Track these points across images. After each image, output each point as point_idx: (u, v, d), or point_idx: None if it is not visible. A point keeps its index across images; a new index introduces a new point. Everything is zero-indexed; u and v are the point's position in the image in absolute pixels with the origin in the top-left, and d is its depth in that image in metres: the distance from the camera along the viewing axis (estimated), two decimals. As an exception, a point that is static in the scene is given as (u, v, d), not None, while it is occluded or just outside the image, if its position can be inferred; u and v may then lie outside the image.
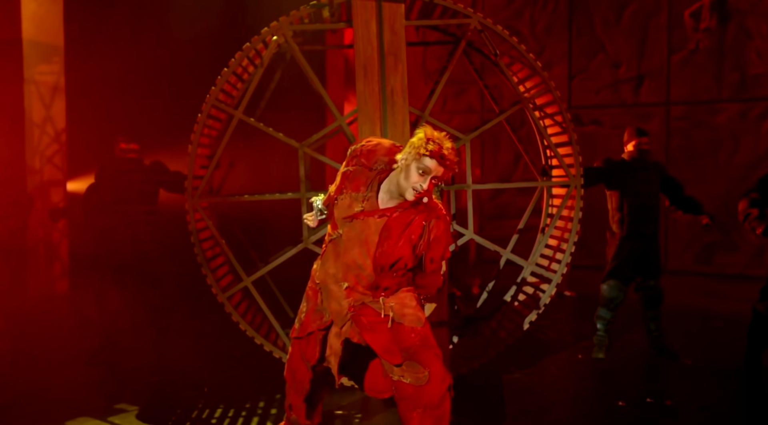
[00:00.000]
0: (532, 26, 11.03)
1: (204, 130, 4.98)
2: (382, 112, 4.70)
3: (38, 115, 8.12)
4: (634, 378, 5.20)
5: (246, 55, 4.76)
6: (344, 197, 3.21)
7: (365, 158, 3.22)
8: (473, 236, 4.93)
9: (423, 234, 3.16)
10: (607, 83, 10.59)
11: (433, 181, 3.05)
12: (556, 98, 5.01)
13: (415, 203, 3.14)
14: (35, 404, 4.45)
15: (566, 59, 10.85)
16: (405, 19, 4.70)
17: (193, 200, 4.72)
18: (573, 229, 4.98)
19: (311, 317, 3.39)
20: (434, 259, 3.25)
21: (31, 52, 8.04)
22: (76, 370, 5.15)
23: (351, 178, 3.22)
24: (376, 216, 3.14)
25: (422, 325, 3.31)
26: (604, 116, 10.54)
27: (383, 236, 3.13)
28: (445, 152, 3.00)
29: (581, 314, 7.23)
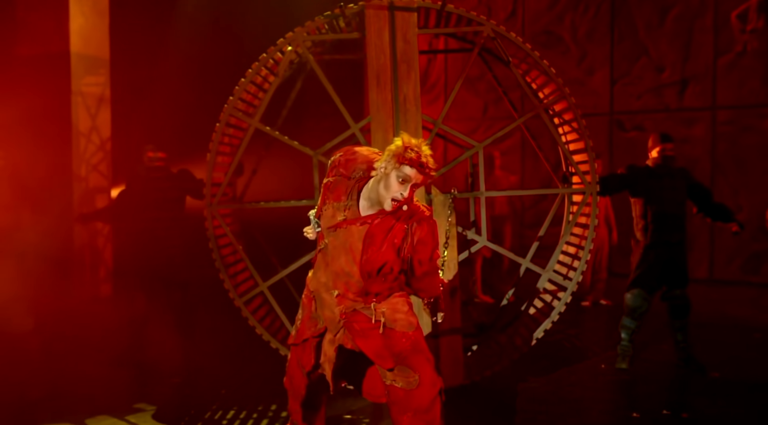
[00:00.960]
0: (574, 31, 10.90)
1: (224, 138, 5.13)
2: (395, 119, 4.74)
3: (84, 124, 8.47)
4: (654, 390, 5.08)
5: (263, 65, 4.89)
6: (327, 207, 3.27)
7: (344, 168, 3.28)
8: (486, 243, 4.92)
9: (406, 238, 3.18)
10: (650, 88, 10.37)
11: (413, 188, 3.08)
12: (571, 104, 4.96)
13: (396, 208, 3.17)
14: (60, 400, 4.65)
15: (608, 64, 10.68)
16: (417, 28, 4.74)
17: (212, 207, 4.87)
18: (589, 237, 4.91)
19: (306, 324, 3.46)
20: (422, 262, 3.26)
21: (79, 65, 8.40)
22: (104, 369, 5.34)
23: (332, 188, 3.27)
24: (358, 224, 3.18)
25: (414, 330, 3.33)
26: (647, 121, 10.32)
27: (366, 243, 3.17)
28: (423, 159, 3.02)
29: (615, 323, 7.07)
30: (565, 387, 5.04)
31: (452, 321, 4.81)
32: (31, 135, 8.08)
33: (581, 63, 10.86)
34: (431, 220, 3.25)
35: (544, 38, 11.15)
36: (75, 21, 8.37)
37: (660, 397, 4.89)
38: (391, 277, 3.28)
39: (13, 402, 4.57)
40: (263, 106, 4.93)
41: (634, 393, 4.98)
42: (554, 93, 5.07)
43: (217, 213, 4.87)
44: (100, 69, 8.62)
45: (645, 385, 5.17)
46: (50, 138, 8.25)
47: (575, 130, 5.12)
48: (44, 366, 5.26)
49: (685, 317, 5.51)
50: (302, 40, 4.84)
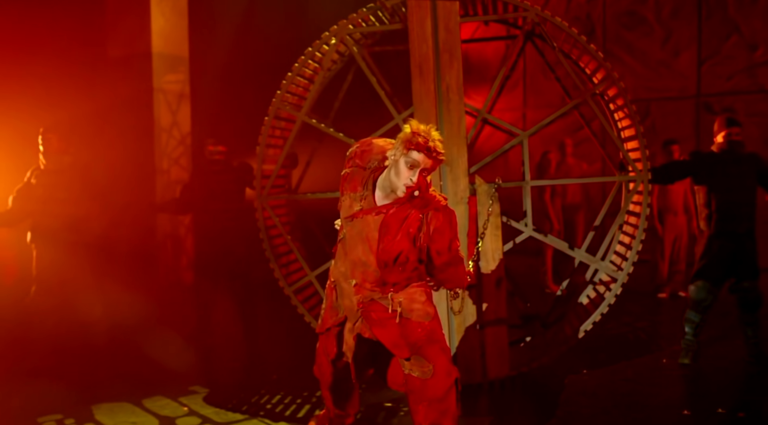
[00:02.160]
0: (658, 11, 10.43)
1: (276, 131, 5.28)
2: (438, 109, 4.73)
3: (166, 120, 8.90)
4: (715, 388, 4.84)
5: (309, 58, 4.99)
6: (345, 198, 3.33)
7: (359, 158, 3.32)
8: (532, 233, 4.83)
9: (421, 227, 3.19)
10: (741, 68, 9.81)
11: (423, 173, 3.08)
12: (621, 90, 4.76)
13: (411, 197, 3.17)
14: (122, 381, 4.96)
15: (695, 44, 10.17)
16: (460, 17, 4.70)
17: (261, 198, 5.03)
18: (640, 227, 4.73)
19: (329, 313, 3.53)
20: (440, 252, 3.25)
21: (160, 64, 8.82)
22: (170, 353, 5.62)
23: (349, 179, 3.33)
24: (374, 214, 3.22)
25: (430, 320, 3.34)
26: (737, 103, 9.76)
27: (382, 232, 3.20)
28: (431, 144, 3.02)
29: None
30: (618, 381, 4.88)
31: (497, 312, 4.76)
32: (117, 131, 8.59)
33: (666, 44, 10.39)
34: (448, 210, 3.24)
35: (626, 19, 10.74)
36: (156, 22, 8.78)
37: (719, 395, 4.64)
38: (410, 267, 3.30)
39: (78, 382, 4.91)
40: (311, 98, 5.03)
41: (691, 390, 4.77)
42: (606, 79, 4.87)
43: (267, 204, 5.03)
44: (180, 67, 9.02)
45: (706, 382, 4.94)
46: (135, 133, 8.71)
47: (627, 115, 4.91)
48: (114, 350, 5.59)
49: (756, 311, 5.21)
50: (346, 33, 4.90)
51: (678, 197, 7.75)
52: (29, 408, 4.43)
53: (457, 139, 4.73)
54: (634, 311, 7.20)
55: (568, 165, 8.25)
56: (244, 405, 4.51)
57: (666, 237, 7.87)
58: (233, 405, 4.50)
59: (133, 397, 4.63)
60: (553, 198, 8.22)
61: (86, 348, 5.27)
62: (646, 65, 10.59)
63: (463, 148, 4.72)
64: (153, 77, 8.78)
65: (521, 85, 11.85)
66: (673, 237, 7.86)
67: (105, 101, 8.60)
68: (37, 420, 4.25)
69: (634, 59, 10.71)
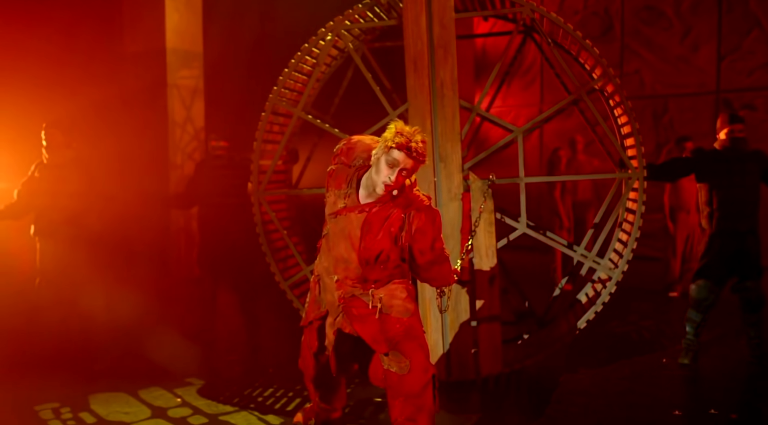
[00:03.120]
0: (677, 5, 10.25)
1: (275, 127, 5.32)
2: (432, 105, 4.72)
3: (179, 115, 9.00)
4: (711, 387, 4.77)
5: (306, 54, 5.01)
6: (330, 194, 3.35)
7: (344, 156, 3.34)
8: (525, 230, 4.79)
9: (403, 227, 3.20)
10: (762, 63, 9.59)
11: (403, 173, 3.08)
12: (617, 86, 4.70)
13: (394, 197, 3.19)
14: (121, 373, 5.04)
15: (715, 38, 9.97)
16: (455, 12, 4.68)
17: (258, 194, 5.07)
18: (635, 225, 4.67)
19: (311, 307, 3.57)
20: (423, 251, 3.27)
21: (174, 59, 8.92)
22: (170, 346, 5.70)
23: (334, 176, 3.35)
24: (357, 212, 3.24)
25: (409, 316, 3.35)
26: (758, 99, 9.56)
27: (364, 230, 3.22)
28: (412, 144, 3.03)
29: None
30: (614, 380, 4.83)
31: (491, 309, 4.75)
32: (132, 126, 8.71)
33: (685, 38, 10.20)
34: (431, 210, 3.25)
35: (645, 14, 10.57)
36: (171, 18, 8.88)
37: (716, 396, 4.58)
38: (391, 265, 3.31)
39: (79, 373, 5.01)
40: (307, 94, 5.06)
41: (687, 391, 4.71)
42: (605, 75, 4.81)
43: (264, 199, 5.07)
44: (194, 62, 9.11)
45: (703, 382, 4.88)
46: (148, 129, 8.83)
47: (624, 112, 4.85)
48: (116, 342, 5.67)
49: (758, 311, 5.12)
50: (342, 29, 4.91)
51: (690, 195, 7.63)
52: (28, 397, 4.53)
53: (451, 134, 4.71)
54: (641, 309, 7.12)
55: (578, 162, 8.18)
56: (236, 397, 4.56)
57: (678, 235, 7.77)
58: (225, 397, 4.56)
59: (130, 388, 4.72)
60: (563, 195, 8.15)
61: (89, 341, 5.36)
62: (665, 60, 10.41)
63: (457, 144, 4.70)
64: (167, 73, 8.89)
65: (538, 81, 11.74)
66: (685, 235, 7.75)
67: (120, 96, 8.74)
68: (34, 409, 4.36)
69: (652, 54, 10.54)
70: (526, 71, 11.86)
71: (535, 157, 11.64)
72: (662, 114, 10.48)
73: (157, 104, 8.90)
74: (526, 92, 11.90)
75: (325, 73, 5.56)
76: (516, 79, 12.01)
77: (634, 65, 10.70)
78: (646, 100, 10.56)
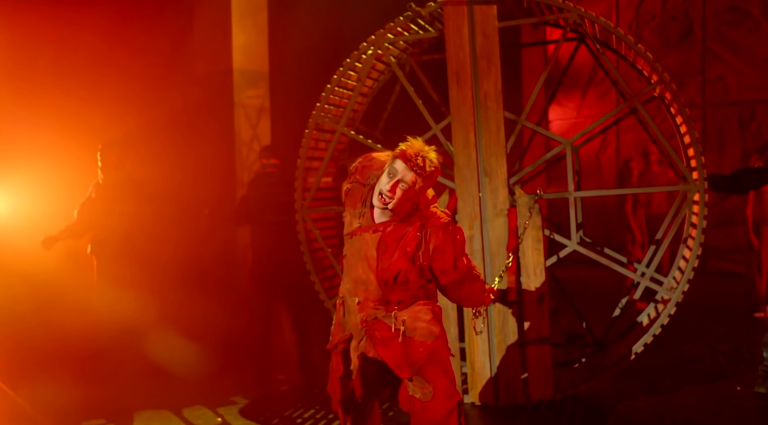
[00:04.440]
0: (764, 5, 9.65)
1: (321, 144, 5.28)
2: (475, 118, 4.55)
3: (246, 134, 9.16)
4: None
5: (348, 69, 4.95)
6: (346, 214, 3.24)
7: (359, 174, 3.21)
8: (576, 247, 4.52)
9: (420, 246, 3.05)
10: None
11: (401, 186, 2.92)
12: (674, 93, 4.38)
13: (409, 215, 3.04)
14: (169, 390, 5.08)
15: (806, 39, 9.30)
16: (498, 21, 4.50)
17: (303, 211, 5.03)
18: (696, 241, 4.32)
19: (337, 329, 3.45)
20: (444, 271, 3.10)
21: (240, 79, 9.10)
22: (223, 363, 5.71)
23: (350, 195, 3.23)
24: (371, 232, 3.11)
25: (433, 339, 3.18)
26: None
27: (380, 251, 3.09)
28: (418, 160, 2.88)
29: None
30: (677, 409, 4.47)
31: (540, 330, 4.50)
32: (200, 145, 8.92)
33: (775, 42, 9.56)
34: (449, 227, 3.08)
35: (728, 16, 10.00)
36: (237, 40, 9.07)
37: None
38: (413, 286, 3.16)
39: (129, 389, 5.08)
40: (348, 110, 4.99)
41: (761, 424, 4.29)
42: (661, 82, 4.49)
43: (308, 217, 5.02)
44: (260, 82, 9.26)
45: (779, 415, 4.43)
46: (216, 147, 9.02)
47: (684, 121, 4.51)
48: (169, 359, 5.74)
49: None
50: (384, 42, 4.82)
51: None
52: (74, 413, 4.62)
53: (495, 148, 4.53)
54: (720, 331, 6.62)
55: (652, 173, 7.75)
56: (277, 418, 4.50)
57: (763, 250, 7.19)
58: (266, 417, 4.51)
59: (174, 406, 4.74)
60: (635, 209, 7.74)
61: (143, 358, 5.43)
62: (752, 64, 9.79)
63: (502, 157, 4.51)
64: (234, 92, 9.07)
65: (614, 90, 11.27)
66: (771, 252, 7.18)
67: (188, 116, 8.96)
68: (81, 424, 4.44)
69: (737, 58, 9.94)
70: (600, 81, 11.42)
71: (612, 169, 11.17)
72: (749, 121, 9.85)
73: (224, 123, 9.09)
74: (602, 102, 11.46)
75: (372, 87, 5.48)
76: (591, 88, 11.59)
77: (718, 70, 10.12)
78: (732, 106, 9.95)
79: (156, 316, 5.58)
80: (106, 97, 7.23)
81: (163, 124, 8.30)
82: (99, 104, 7.05)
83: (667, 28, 10.55)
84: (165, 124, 8.35)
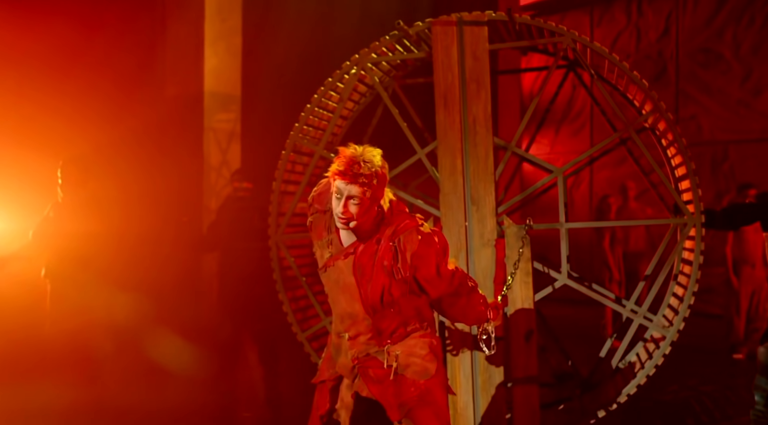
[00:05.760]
0: (736, 47, 9.74)
1: (297, 167, 5.02)
2: (463, 143, 4.34)
3: (215, 159, 8.85)
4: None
5: (329, 89, 4.72)
6: (316, 248, 2.96)
7: (317, 202, 2.94)
8: (567, 281, 4.30)
9: (396, 256, 2.76)
10: (831, 108, 8.96)
11: (353, 201, 2.63)
12: (670, 123, 4.23)
13: (375, 226, 2.77)
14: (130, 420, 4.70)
15: (778, 82, 9.39)
16: (489, 43, 4.33)
17: (277, 237, 4.73)
18: (693, 277, 4.13)
19: (326, 365, 3.14)
20: (429, 279, 2.78)
21: (211, 102, 8.82)
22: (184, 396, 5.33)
23: (314, 227, 2.95)
24: (343, 257, 2.82)
25: (428, 378, 2.89)
26: (827, 146, 8.91)
27: (357, 275, 2.80)
28: (347, 168, 2.60)
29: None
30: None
31: (527, 369, 4.24)
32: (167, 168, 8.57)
33: (746, 82, 9.66)
34: (421, 230, 2.76)
35: (701, 57, 10.09)
36: (209, 61, 8.82)
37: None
38: (405, 307, 2.84)
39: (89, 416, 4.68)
40: (328, 131, 4.74)
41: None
42: (655, 111, 4.35)
43: (282, 243, 4.72)
44: (231, 106, 9.00)
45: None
46: (183, 172, 8.69)
47: (678, 151, 4.37)
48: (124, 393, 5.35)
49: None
50: (368, 62, 4.61)
51: (755, 247, 6.99)
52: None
53: (484, 175, 4.31)
54: (703, 373, 6.45)
55: (630, 210, 7.64)
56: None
57: (742, 290, 7.10)
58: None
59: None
60: (613, 245, 7.59)
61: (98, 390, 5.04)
62: (724, 105, 9.87)
63: (491, 185, 4.29)
64: (204, 115, 8.79)
65: (588, 127, 11.29)
66: (750, 290, 7.09)
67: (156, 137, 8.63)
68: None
69: (710, 99, 10.01)
70: (575, 117, 11.43)
71: (585, 206, 11.10)
72: (722, 161, 9.89)
73: (193, 147, 8.78)
74: (576, 139, 11.44)
75: (353, 110, 5.25)
76: (564, 125, 11.58)
77: (691, 110, 10.18)
78: (704, 146, 9.97)
79: (113, 348, 5.21)
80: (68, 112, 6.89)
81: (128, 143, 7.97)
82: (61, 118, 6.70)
83: (641, 67, 10.60)
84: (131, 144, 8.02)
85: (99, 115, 7.62)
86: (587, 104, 11.17)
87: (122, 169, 7.07)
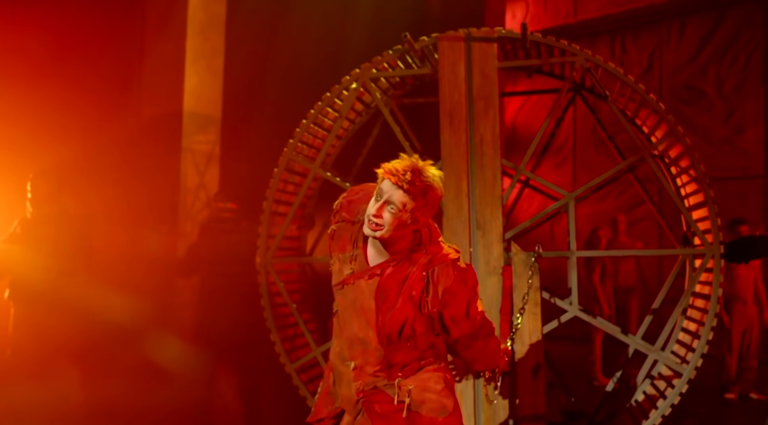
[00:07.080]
0: (719, 85, 9.78)
1: (289, 186, 4.74)
2: (469, 164, 4.11)
3: (192, 181, 8.50)
4: None
5: (327, 105, 4.47)
6: (334, 261, 2.66)
7: (346, 211, 2.66)
8: (577, 312, 4.06)
9: (427, 288, 2.49)
10: (814, 146, 8.99)
11: (390, 208, 2.39)
12: (686, 147, 4.07)
13: (411, 250, 2.50)
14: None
15: (761, 119, 9.43)
16: (498, 61, 4.14)
17: (265, 259, 4.42)
18: (710, 311, 3.93)
19: (323, 401, 2.82)
20: (456, 319, 2.53)
21: (190, 123, 8.50)
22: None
23: (336, 237, 2.66)
24: (367, 277, 2.53)
25: (446, 416, 2.59)
26: (811, 185, 8.90)
27: (379, 299, 2.51)
28: (400, 170, 2.35)
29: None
30: None
31: (534, 406, 3.97)
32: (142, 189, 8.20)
33: (728, 120, 9.67)
34: (458, 265, 2.51)
35: (684, 94, 10.10)
36: (190, 81, 8.53)
37: None
38: (422, 343, 2.58)
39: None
40: (324, 150, 4.49)
41: None
42: (668, 136, 4.18)
43: (272, 268, 4.41)
44: (211, 127, 8.69)
45: None
46: (158, 194, 8.32)
47: (693, 179, 4.20)
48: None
49: None
50: (369, 78, 4.38)
51: (747, 284, 6.86)
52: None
53: (491, 198, 4.08)
54: (697, 413, 6.22)
55: (620, 243, 7.47)
56: None
57: (734, 328, 6.93)
58: None
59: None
60: (603, 279, 7.40)
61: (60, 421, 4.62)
62: (707, 142, 9.86)
63: (498, 209, 4.06)
64: (182, 136, 8.46)
65: (570, 161, 11.21)
66: (742, 328, 6.93)
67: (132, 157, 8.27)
68: None
69: (693, 136, 9.99)
70: (558, 150, 11.35)
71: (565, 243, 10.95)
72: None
73: (170, 168, 8.42)
74: (557, 172, 11.33)
75: (348, 130, 5.01)
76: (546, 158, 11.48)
77: (674, 147, 10.15)
78: (688, 183, 9.92)
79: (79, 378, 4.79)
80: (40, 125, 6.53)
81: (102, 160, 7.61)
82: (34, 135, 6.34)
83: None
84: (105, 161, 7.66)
85: (72, 131, 7.26)
86: (570, 139, 11.11)
87: (96, 186, 6.70)
